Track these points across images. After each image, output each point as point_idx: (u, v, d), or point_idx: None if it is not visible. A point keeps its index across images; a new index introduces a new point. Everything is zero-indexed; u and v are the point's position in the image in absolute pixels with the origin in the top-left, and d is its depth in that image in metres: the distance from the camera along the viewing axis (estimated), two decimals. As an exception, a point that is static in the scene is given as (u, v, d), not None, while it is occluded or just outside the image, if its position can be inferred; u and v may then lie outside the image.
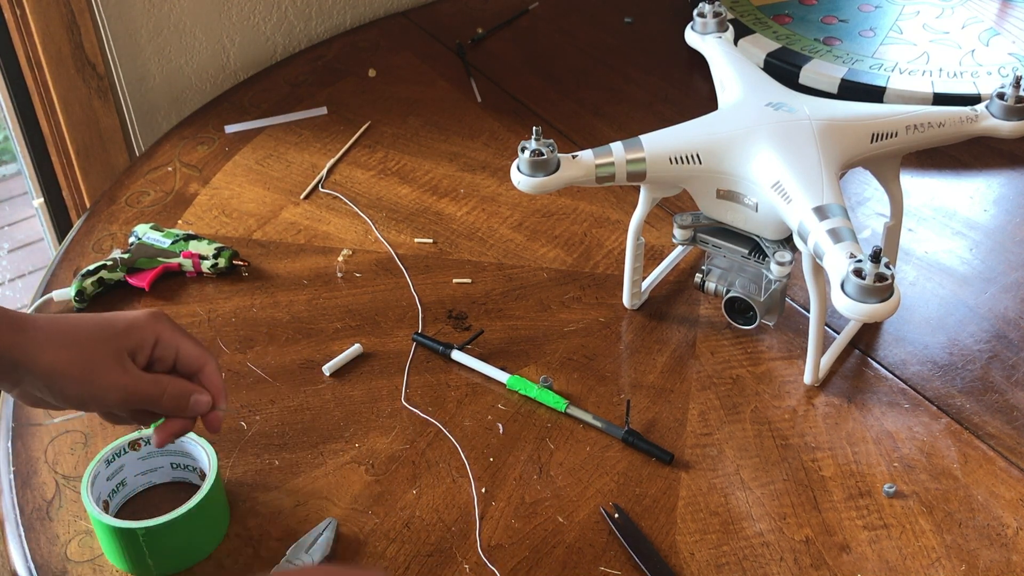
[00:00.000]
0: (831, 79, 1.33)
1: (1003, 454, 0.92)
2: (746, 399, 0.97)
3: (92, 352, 0.69)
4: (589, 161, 0.92)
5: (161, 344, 0.72)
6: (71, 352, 0.69)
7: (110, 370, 0.70)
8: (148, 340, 0.72)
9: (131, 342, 0.71)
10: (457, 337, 1.04)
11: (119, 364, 0.70)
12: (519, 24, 1.56)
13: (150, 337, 0.72)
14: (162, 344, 0.72)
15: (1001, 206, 1.21)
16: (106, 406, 0.71)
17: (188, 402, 0.72)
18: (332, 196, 1.22)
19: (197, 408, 0.73)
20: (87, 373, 0.69)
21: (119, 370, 0.70)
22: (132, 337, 0.71)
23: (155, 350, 0.72)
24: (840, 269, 0.81)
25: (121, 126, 1.41)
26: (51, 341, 0.69)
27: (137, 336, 0.71)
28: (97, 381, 0.69)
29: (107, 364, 0.70)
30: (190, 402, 0.72)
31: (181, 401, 0.72)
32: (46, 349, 0.68)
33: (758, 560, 0.84)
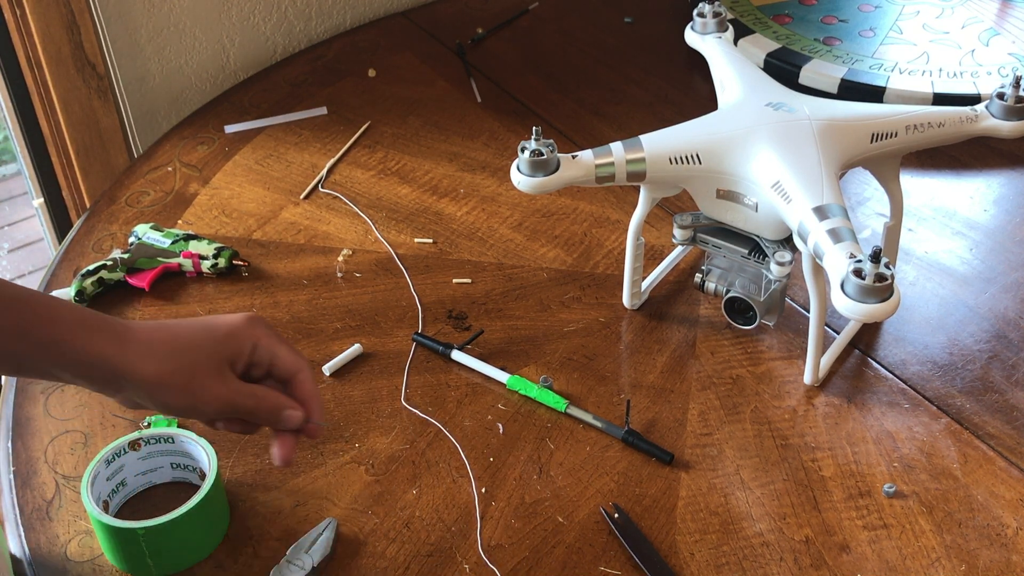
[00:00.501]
0: (831, 79, 1.33)
1: (1003, 454, 0.92)
2: (746, 399, 0.97)
3: (192, 363, 0.70)
4: (589, 161, 0.92)
5: (258, 350, 0.73)
6: (172, 363, 0.69)
7: (210, 381, 0.70)
8: (246, 347, 0.72)
9: (230, 350, 0.71)
10: (457, 337, 1.04)
11: (219, 374, 0.71)
12: (519, 24, 1.56)
13: (248, 343, 0.72)
14: (259, 350, 0.73)
15: (1001, 206, 1.21)
16: (205, 416, 0.71)
17: (281, 416, 0.73)
18: (332, 196, 1.22)
19: (289, 423, 0.73)
20: (187, 385, 0.70)
21: (218, 381, 0.71)
22: (230, 345, 0.71)
23: (253, 355, 0.73)
24: (840, 269, 0.81)
25: (121, 126, 1.41)
26: (152, 352, 0.69)
27: (235, 344, 0.72)
28: (197, 393, 0.70)
29: (207, 375, 0.70)
30: (282, 416, 0.73)
31: (275, 415, 0.72)
32: (148, 360, 0.69)
33: (758, 560, 0.84)
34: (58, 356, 0.68)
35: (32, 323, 0.68)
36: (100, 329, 0.69)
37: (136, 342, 0.70)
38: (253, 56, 1.50)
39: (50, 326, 0.68)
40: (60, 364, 0.69)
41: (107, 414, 0.96)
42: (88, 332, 0.69)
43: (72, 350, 0.68)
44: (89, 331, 0.69)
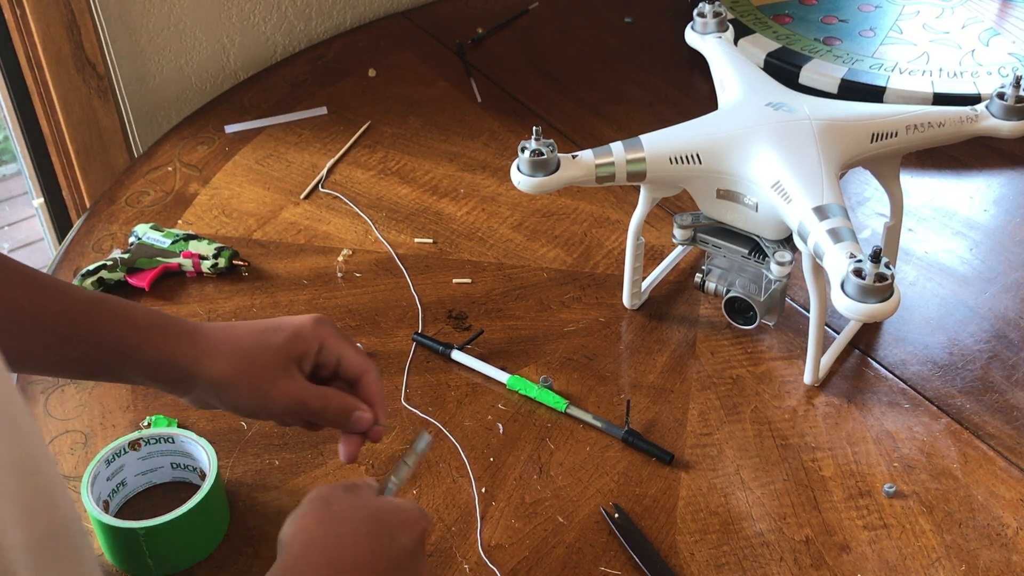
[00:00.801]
0: (831, 79, 1.33)
1: (1003, 454, 0.92)
2: (746, 399, 0.97)
3: (261, 362, 0.70)
4: (589, 161, 0.92)
5: (325, 350, 0.73)
6: (241, 362, 0.70)
7: (278, 380, 0.70)
8: (313, 347, 0.72)
9: (297, 350, 0.71)
10: (457, 337, 1.04)
11: (287, 374, 0.71)
12: (519, 24, 1.56)
13: (315, 344, 0.72)
14: (325, 350, 0.73)
15: (1001, 206, 1.21)
16: (275, 415, 0.72)
17: (350, 418, 0.72)
18: (332, 196, 1.22)
19: (358, 424, 0.72)
20: (257, 384, 0.70)
21: (287, 380, 0.71)
22: (298, 345, 0.72)
23: (319, 356, 0.73)
24: (840, 269, 0.81)
25: (121, 126, 1.41)
26: (222, 352, 0.70)
27: (303, 344, 0.72)
28: (266, 392, 0.70)
29: (275, 374, 0.70)
30: (351, 418, 0.72)
31: (343, 416, 0.72)
32: (218, 360, 0.70)
33: (758, 560, 0.84)
34: (131, 359, 0.69)
35: (106, 327, 0.69)
36: (171, 331, 0.70)
37: (206, 342, 0.70)
38: (253, 56, 1.50)
39: (124, 329, 0.69)
40: (133, 367, 0.69)
41: (107, 414, 0.96)
42: (160, 334, 0.70)
43: (145, 352, 0.69)
44: (161, 333, 0.70)
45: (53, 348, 0.68)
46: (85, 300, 0.69)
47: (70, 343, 0.68)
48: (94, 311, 0.69)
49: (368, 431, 0.73)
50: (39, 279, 0.69)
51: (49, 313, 0.68)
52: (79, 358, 0.69)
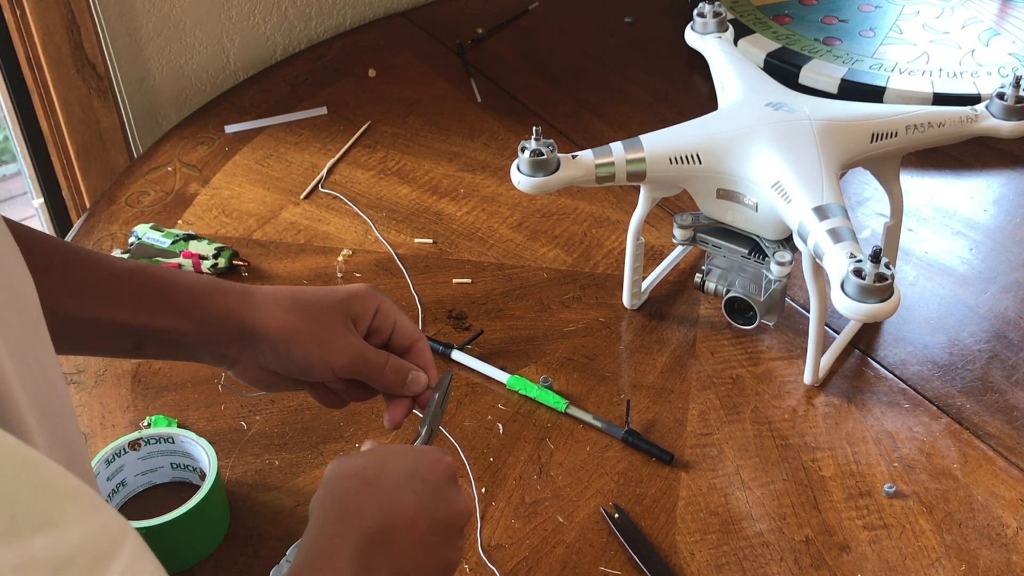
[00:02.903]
0: (831, 79, 1.33)
1: (1003, 454, 0.92)
2: (746, 399, 0.97)
3: (319, 316, 0.69)
4: (589, 161, 0.92)
5: (380, 314, 0.72)
6: (300, 315, 0.69)
7: (339, 333, 0.69)
8: (370, 309, 0.71)
9: (354, 310, 0.70)
10: (457, 337, 1.04)
11: (346, 328, 0.70)
12: (519, 24, 1.56)
13: (371, 306, 0.71)
14: (381, 314, 0.72)
15: (1001, 206, 1.21)
16: (331, 370, 0.69)
17: (407, 378, 0.71)
18: (332, 196, 1.22)
19: (414, 386, 0.71)
20: (316, 335, 0.69)
21: (347, 333, 0.69)
22: (355, 305, 0.71)
23: (374, 320, 0.72)
24: (840, 269, 0.81)
25: (121, 126, 1.41)
26: (279, 306, 0.69)
27: (359, 305, 0.71)
28: (327, 343, 0.69)
29: (335, 327, 0.69)
30: (408, 378, 0.71)
31: (401, 376, 0.71)
32: (276, 313, 0.68)
33: (758, 560, 0.84)
34: (182, 318, 0.67)
35: (153, 290, 0.68)
36: (221, 288, 0.69)
37: (260, 298, 0.69)
38: (253, 56, 1.50)
39: (172, 291, 0.68)
40: (184, 328, 0.67)
41: (107, 414, 0.96)
42: (210, 291, 0.68)
43: (197, 309, 0.68)
44: (211, 291, 0.69)
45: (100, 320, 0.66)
46: (127, 268, 0.68)
47: (116, 311, 0.67)
48: (139, 277, 0.68)
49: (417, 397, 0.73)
50: (78, 252, 0.68)
51: (91, 282, 0.66)
52: (126, 329, 0.67)
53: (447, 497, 0.62)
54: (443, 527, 0.61)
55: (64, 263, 0.67)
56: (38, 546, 0.34)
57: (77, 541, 0.35)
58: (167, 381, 0.99)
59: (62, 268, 0.66)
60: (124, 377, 1.00)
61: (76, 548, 0.35)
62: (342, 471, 0.61)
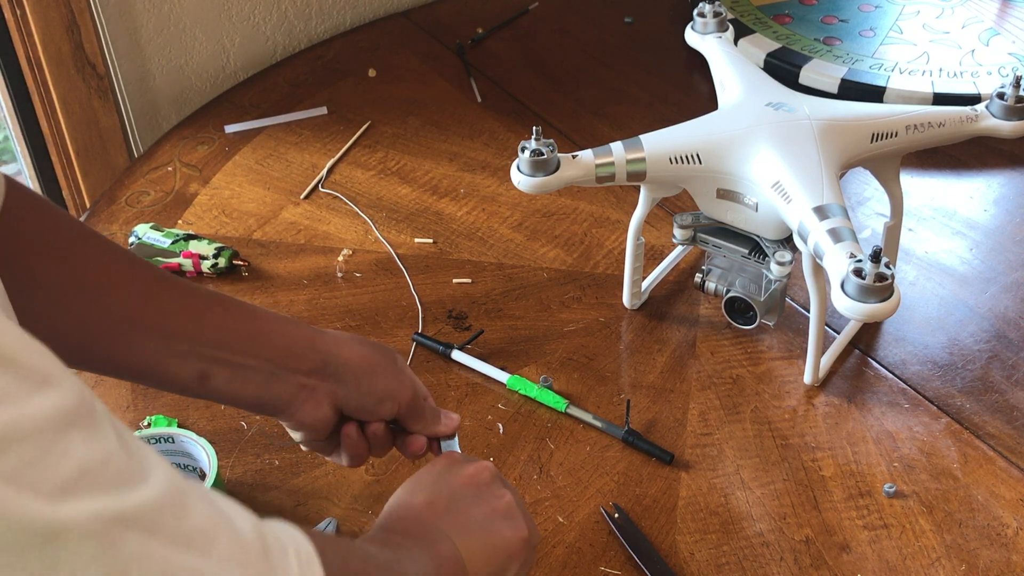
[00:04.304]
0: (831, 79, 1.33)
1: (1003, 454, 0.92)
2: (746, 399, 0.97)
3: (389, 356, 0.73)
4: (589, 161, 0.92)
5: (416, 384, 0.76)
6: (373, 350, 0.72)
7: (404, 372, 0.73)
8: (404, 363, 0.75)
9: (400, 360, 0.75)
10: (457, 337, 1.04)
11: (400, 367, 0.74)
12: (519, 24, 1.56)
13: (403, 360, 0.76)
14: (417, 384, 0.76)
15: (1001, 206, 1.21)
16: (397, 404, 0.72)
17: (440, 418, 0.75)
18: (332, 196, 1.22)
19: (449, 423, 0.75)
20: (390, 370, 0.72)
21: (402, 372, 0.73)
22: (400, 358, 0.75)
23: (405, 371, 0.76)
24: (840, 269, 0.81)
25: (121, 126, 1.41)
26: (353, 341, 0.72)
27: (400, 359, 0.75)
28: (398, 377, 0.72)
29: (401, 366, 0.73)
30: (442, 416, 0.75)
31: (436, 414, 0.75)
32: (353, 346, 0.71)
33: (758, 560, 0.84)
34: (264, 342, 0.68)
35: (237, 310, 0.69)
36: (293, 320, 0.72)
37: (332, 332, 0.72)
38: (253, 56, 1.50)
39: (256, 315, 0.70)
40: (262, 348, 0.68)
41: (107, 414, 0.96)
42: (286, 322, 0.71)
43: (278, 336, 0.69)
44: (287, 321, 0.71)
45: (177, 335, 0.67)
46: (212, 292, 0.69)
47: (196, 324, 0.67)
48: (222, 299, 0.69)
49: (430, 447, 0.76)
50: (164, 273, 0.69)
51: (176, 296, 0.68)
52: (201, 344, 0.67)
53: (454, 472, 0.68)
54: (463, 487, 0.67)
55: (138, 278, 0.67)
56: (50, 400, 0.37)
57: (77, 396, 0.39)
58: (167, 381, 0.99)
59: (150, 281, 0.67)
60: (124, 377, 1.00)
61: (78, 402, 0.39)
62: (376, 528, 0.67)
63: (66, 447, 0.37)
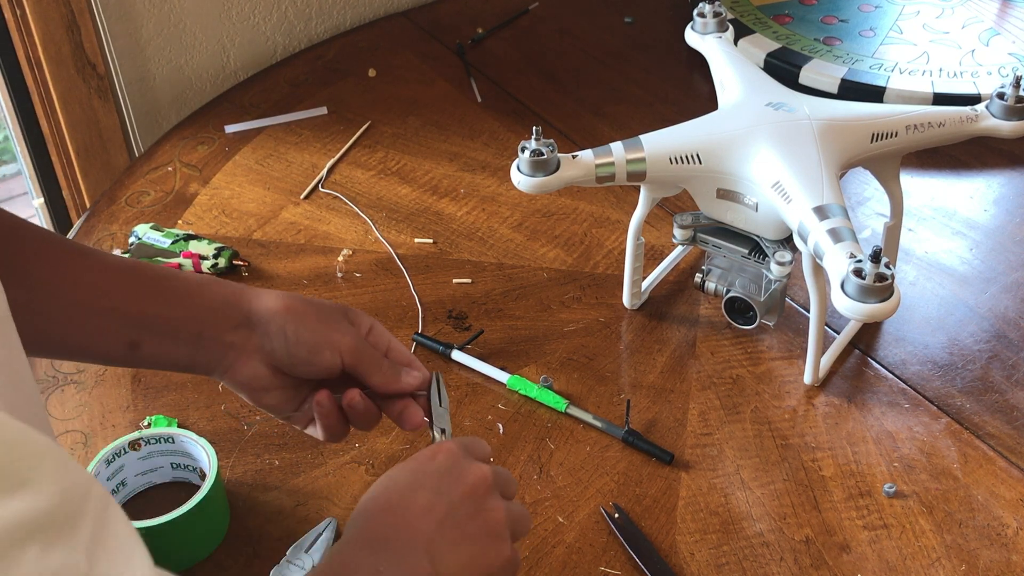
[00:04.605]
0: (831, 79, 1.33)
1: (1003, 454, 0.92)
2: (746, 399, 0.97)
3: (320, 306, 0.70)
4: (589, 161, 0.92)
5: (375, 331, 0.72)
6: (302, 302, 0.70)
7: (342, 323, 0.70)
8: (365, 322, 0.72)
9: (350, 316, 0.71)
10: (457, 337, 1.04)
11: (347, 320, 0.71)
12: (519, 24, 1.56)
13: (367, 320, 0.72)
14: (376, 332, 0.72)
15: (1001, 206, 1.21)
16: (338, 353, 0.69)
17: (400, 373, 0.72)
18: (332, 196, 1.22)
19: (409, 378, 0.72)
20: (320, 318, 0.69)
21: (348, 325, 0.70)
22: (350, 314, 0.72)
23: (370, 335, 0.72)
24: (840, 269, 0.81)
25: (121, 126, 1.41)
26: (279, 295, 0.70)
27: (355, 315, 0.72)
28: (332, 324, 0.69)
29: (337, 316, 0.70)
30: (402, 373, 0.72)
31: (395, 370, 0.71)
32: (278, 298, 0.69)
33: (758, 560, 0.84)
34: (182, 305, 0.68)
35: (152, 280, 0.68)
36: (219, 281, 0.70)
37: (260, 289, 0.70)
38: (253, 56, 1.50)
39: (170, 280, 0.69)
40: (185, 315, 0.68)
41: (107, 414, 0.96)
42: (209, 282, 0.70)
43: (197, 296, 0.68)
44: (210, 281, 0.70)
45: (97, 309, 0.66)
46: (126, 262, 0.68)
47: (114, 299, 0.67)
48: (136, 269, 0.68)
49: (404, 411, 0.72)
50: (76, 246, 0.68)
51: (90, 273, 0.67)
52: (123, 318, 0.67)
53: (456, 476, 0.63)
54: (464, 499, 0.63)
55: (61, 255, 0.67)
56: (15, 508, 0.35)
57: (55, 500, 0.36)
58: (167, 381, 0.99)
59: (60, 260, 0.67)
60: (124, 377, 1.00)
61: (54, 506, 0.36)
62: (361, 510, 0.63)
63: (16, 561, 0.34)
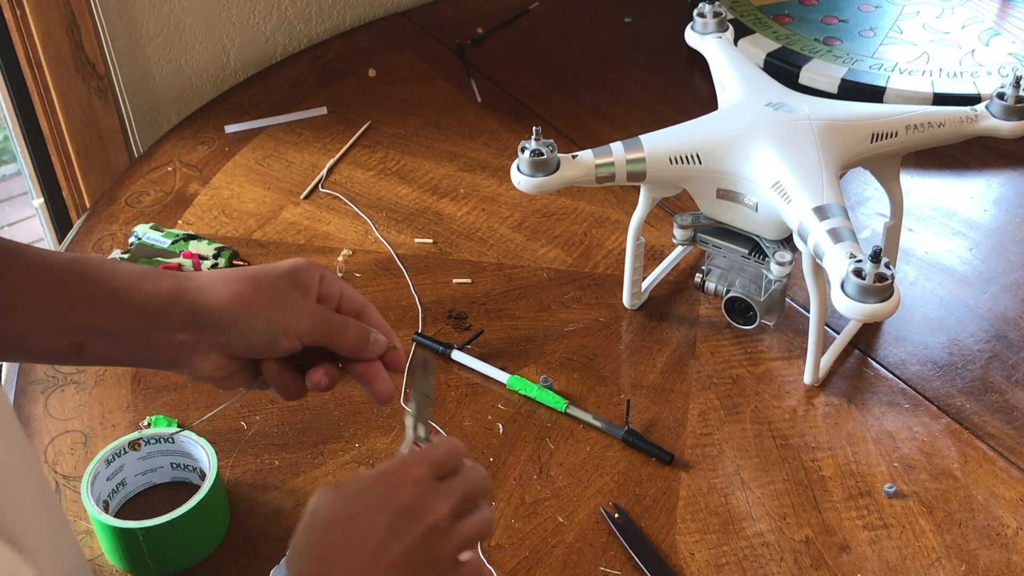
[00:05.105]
0: (831, 79, 1.33)
1: (1003, 454, 0.92)
2: (746, 399, 0.97)
3: (269, 284, 0.66)
4: (589, 161, 0.92)
5: (325, 282, 0.69)
6: (251, 285, 0.65)
7: (294, 298, 0.66)
8: (314, 277, 0.69)
9: (299, 280, 0.67)
10: (457, 337, 1.04)
11: (300, 293, 0.67)
12: (519, 24, 1.56)
13: (315, 274, 0.69)
14: (326, 282, 0.69)
15: (1001, 206, 1.21)
16: (296, 336, 0.66)
17: (368, 339, 0.68)
18: (332, 196, 1.22)
19: (375, 347, 0.68)
20: (274, 301, 0.65)
21: (303, 298, 0.67)
22: (299, 276, 0.68)
23: (321, 288, 0.69)
24: (840, 269, 0.81)
25: (121, 126, 1.41)
26: (226, 280, 0.65)
27: (304, 275, 0.68)
28: (286, 306, 0.65)
29: (290, 293, 0.66)
30: (370, 340, 0.68)
31: (363, 336, 0.68)
32: (226, 286, 0.65)
33: (758, 560, 0.84)
34: (125, 306, 0.63)
35: (91, 279, 0.64)
36: (161, 273, 0.66)
37: (204, 277, 0.66)
38: (253, 56, 1.50)
39: (111, 278, 0.64)
40: (128, 315, 0.63)
41: (107, 414, 0.96)
42: (150, 276, 0.65)
43: (139, 294, 0.64)
44: (151, 276, 0.65)
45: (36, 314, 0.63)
46: (62, 259, 0.64)
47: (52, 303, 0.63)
48: (74, 267, 0.64)
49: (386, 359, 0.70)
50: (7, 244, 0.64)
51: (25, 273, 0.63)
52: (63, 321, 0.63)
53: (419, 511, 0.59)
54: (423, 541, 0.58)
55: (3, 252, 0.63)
56: None
57: None
58: (167, 381, 0.99)
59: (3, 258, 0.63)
60: (124, 377, 1.00)
61: None
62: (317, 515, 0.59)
63: None
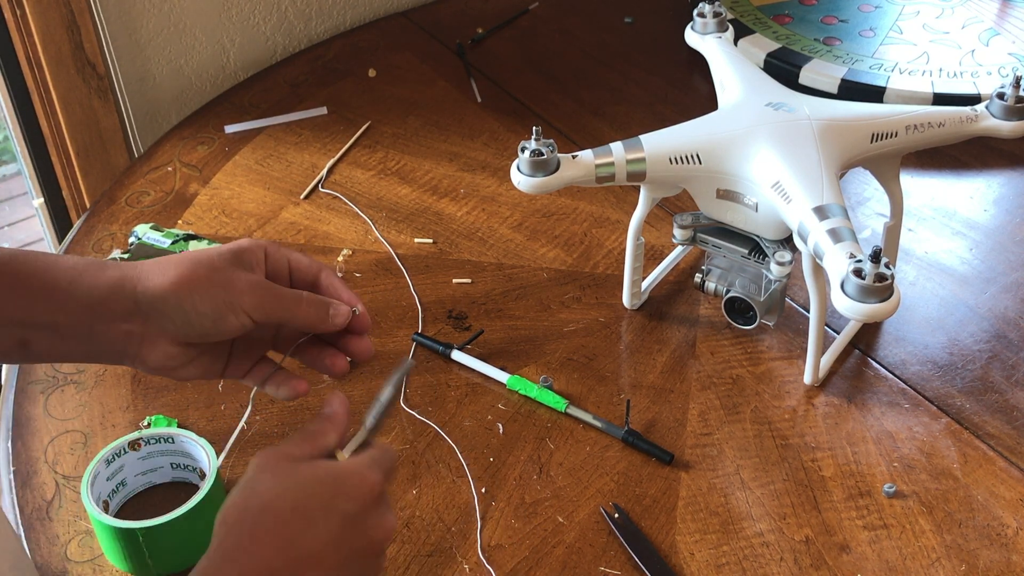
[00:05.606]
0: (831, 79, 1.33)
1: (1003, 454, 0.92)
2: (746, 399, 0.97)
3: (212, 264, 0.64)
4: (589, 161, 0.92)
5: (271, 257, 0.67)
6: (192, 267, 0.64)
7: (238, 275, 0.64)
8: (258, 253, 0.67)
9: (243, 259, 0.65)
10: (457, 337, 1.04)
11: (245, 270, 0.65)
12: (519, 24, 1.56)
13: (259, 251, 0.67)
14: (272, 257, 0.67)
15: (1001, 206, 1.21)
16: (245, 313, 0.64)
17: (327, 311, 0.66)
18: (332, 196, 1.22)
19: (337, 317, 0.66)
20: (217, 280, 0.63)
21: (247, 273, 0.65)
22: (242, 255, 0.66)
23: (267, 264, 0.67)
24: (840, 269, 0.81)
25: (121, 126, 1.41)
26: (167, 264, 0.64)
27: (247, 254, 0.66)
28: (230, 285, 0.63)
29: (231, 271, 0.64)
30: (329, 312, 0.66)
31: (322, 308, 0.66)
32: (166, 271, 0.64)
33: (758, 560, 0.84)
34: (68, 299, 0.63)
35: (31, 274, 0.63)
36: (101, 265, 0.64)
37: (145, 265, 0.65)
38: (253, 56, 1.50)
39: (51, 272, 0.63)
40: (71, 309, 0.63)
41: (107, 414, 0.96)
42: (92, 268, 0.64)
43: (82, 287, 0.63)
44: (92, 267, 0.64)
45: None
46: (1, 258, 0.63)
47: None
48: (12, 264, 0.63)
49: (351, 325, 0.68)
50: None
51: None
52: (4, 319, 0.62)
53: (368, 525, 0.58)
54: (360, 556, 0.58)
55: None
56: None
57: None
58: (167, 381, 0.99)
59: None
60: (124, 377, 1.00)
61: None
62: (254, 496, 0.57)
63: None
